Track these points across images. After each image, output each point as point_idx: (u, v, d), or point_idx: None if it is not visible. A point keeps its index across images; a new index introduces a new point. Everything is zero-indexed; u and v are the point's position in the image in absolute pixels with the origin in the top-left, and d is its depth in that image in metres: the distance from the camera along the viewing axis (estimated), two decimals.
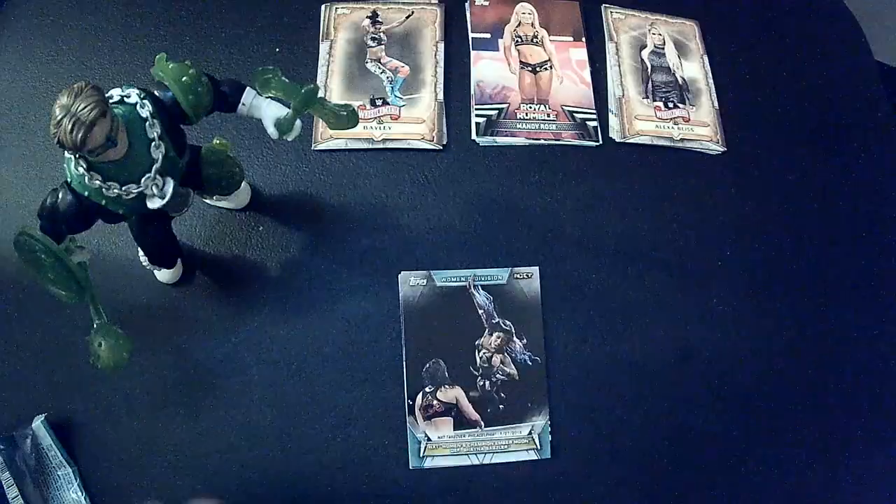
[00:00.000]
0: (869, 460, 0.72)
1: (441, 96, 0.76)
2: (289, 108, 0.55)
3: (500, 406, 0.66)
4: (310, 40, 0.77)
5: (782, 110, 0.81)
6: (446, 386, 0.66)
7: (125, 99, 0.49)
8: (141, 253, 0.64)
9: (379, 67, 0.76)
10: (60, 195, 0.50)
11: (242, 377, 0.65)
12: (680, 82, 0.81)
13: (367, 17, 0.79)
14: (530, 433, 0.66)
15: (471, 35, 0.80)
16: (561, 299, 0.69)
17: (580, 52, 0.80)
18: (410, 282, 0.68)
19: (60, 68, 0.75)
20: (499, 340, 0.68)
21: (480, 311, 0.68)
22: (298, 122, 0.57)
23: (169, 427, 0.64)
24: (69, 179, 0.50)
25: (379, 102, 0.74)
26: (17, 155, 0.71)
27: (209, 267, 0.68)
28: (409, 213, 0.71)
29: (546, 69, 0.79)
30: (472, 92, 0.77)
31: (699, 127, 0.78)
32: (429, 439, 0.65)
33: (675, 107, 0.79)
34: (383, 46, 0.78)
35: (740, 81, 0.82)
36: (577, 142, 0.76)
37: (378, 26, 0.78)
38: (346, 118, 0.59)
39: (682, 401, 0.69)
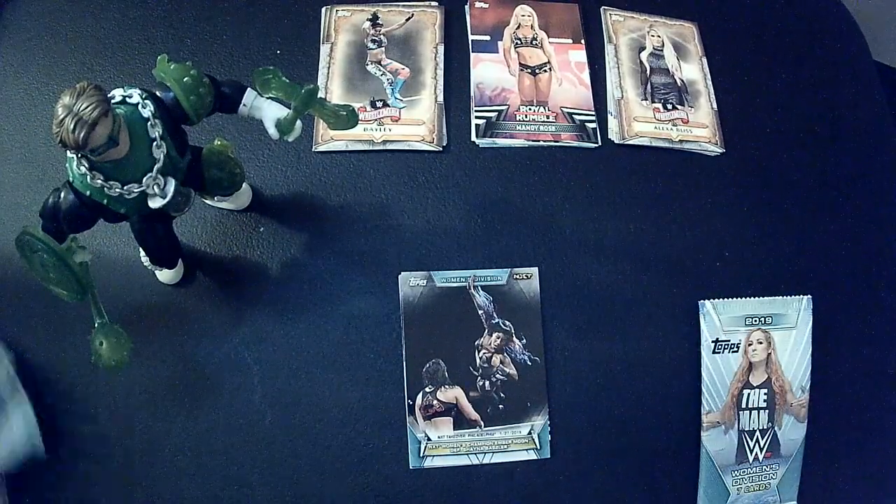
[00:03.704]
0: (865, 462, 0.72)
1: (441, 98, 0.76)
2: (289, 108, 0.56)
3: (500, 406, 0.67)
4: (310, 42, 0.77)
5: (781, 111, 0.81)
6: (446, 386, 0.66)
7: (127, 99, 0.50)
8: (142, 253, 0.64)
9: (379, 69, 0.77)
10: (62, 195, 0.50)
11: (242, 377, 0.65)
12: (679, 84, 0.81)
13: (367, 19, 0.79)
14: (530, 433, 0.66)
15: (470, 37, 0.80)
16: (560, 299, 0.70)
17: (579, 54, 0.81)
18: (410, 282, 0.68)
19: (62, 69, 0.75)
20: (498, 340, 0.68)
21: (480, 312, 0.68)
22: (299, 123, 0.57)
23: (169, 427, 0.64)
24: (71, 179, 0.50)
25: (379, 104, 0.75)
26: (19, 155, 0.71)
27: (210, 267, 0.68)
28: (409, 214, 0.71)
29: (545, 71, 0.79)
30: (472, 94, 0.77)
31: (698, 128, 0.79)
32: (429, 439, 0.65)
33: (674, 108, 0.79)
34: (383, 49, 0.78)
35: (739, 83, 0.82)
36: (576, 143, 0.76)
37: (378, 28, 0.79)
38: (345, 118, 0.59)
39: (681, 400, 0.69)
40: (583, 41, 0.82)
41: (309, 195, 0.71)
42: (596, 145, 0.76)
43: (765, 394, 0.70)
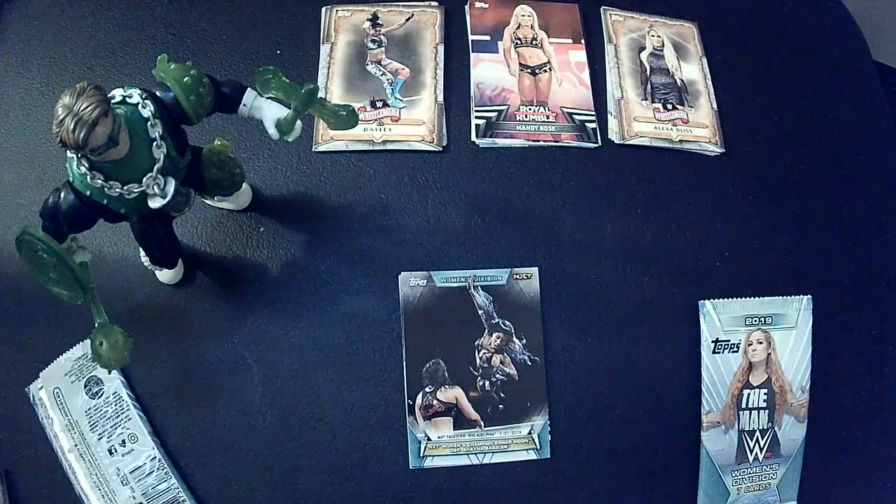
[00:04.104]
0: (865, 462, 0.72)
1: (441, 98, 0.76)
2: (289, 108, 0.56)
3: (500, 406, 0.67)
4: (310, 42, 0.77)
5: (781, 111, 0.81)
6: (446, 386, 0.66)
7: (127, 99, 0.50)
8: (142, 253, 0.64)
9: (379, 69, 0.77)
10: (62, 195, 0.50)
11: (242, 377, 0.65)
12: (679, 84, 0.81)
13: (367, 19, 0.79)
14: (530, 433, 0.66)
15: (470, 37, 0.80)
16: (560, 299, 0.70)
17: (579, 55, 0.81)
18: (410, 282, 0.68)
19: (62, 69, 0.75)
20: (498, 340, 0.68)
21: (480, 312, 0.68)
22: (299, 123, 0.57)
23: (169, 427, 0.64)
24: (71, 179, 0.50)
25: (379, 104, 0.75)
26: (20, 155, 0.72)
27: (210, 267, 0.68)
28: (409, 214, 0.71)
29: (545, 71, 0.79)
30: (472, 94, 0.77)
31: (698, 128, 0.79)
32: (429, 439, 0.65)
33: (674, 108, 0.79)
34: (384, 49, 0.78)
35: (739, 83, 0.82)
36: (576, 143, 0.76)
37: (378, 29, 0.79)
38: (346, 118, 0.59)
39: (681, 400, 0.69)
40: (583, 41, 0.82)
41: (309, 195, 0.71)
42: (596, 145, 0.76)
43: (765, 394, 0.70)
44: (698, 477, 0.69)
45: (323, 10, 0.79)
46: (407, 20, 0.80)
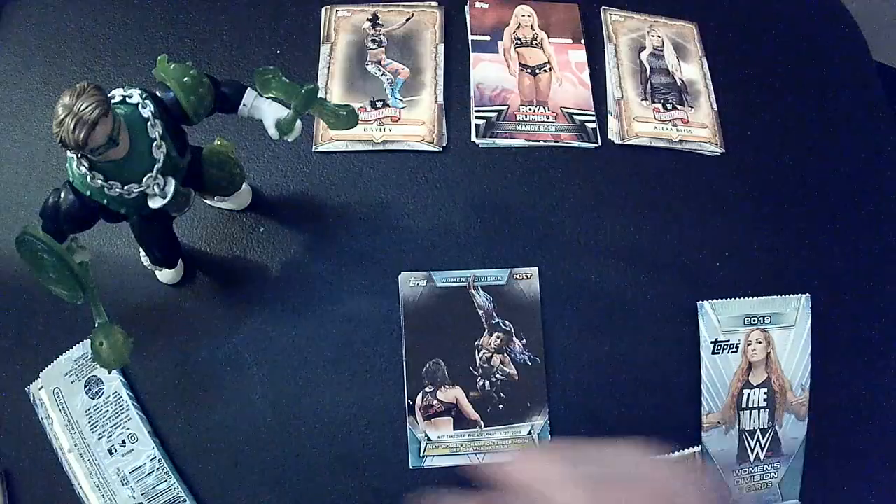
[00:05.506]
0: (866, 459, 0.72)
1: (441, 98, 0.76)
2: (289, 108, 0.56)
3: (500, 406, 0.67)
4: (310, 42, 0.77)
5: (781, 112, 0.81)
6: (446, 386, 0.66)
7: (127, 99, 0.50)
8: (142, 253, 0.64)
9: (379, 69, 0.77)
10: (62, 195, 0.50)
11: (242, 377, 0.65)
12: (679, 84, 0.81)
13: (367, 19, 0.79)
14: (530, 433, 0.66)
15: (470, 37, 0.80)
16: (560, 299, 0.70)
17: (579, 55, 0.81)
18: (410, 282, 0.68)
19: (62, 69, 0.75)
20: (498, 341, 0.68)
21: (480, 312, 0.68)
22: (299, 123, 0.57)
23: (169, 427, 0.64)
24: (71, 179, 0.50)
25: (379, 104, 0.75)
26: (20, 155, 0.72)
27: (210, 267, 0.68)
28: (409, 214, 0.71)
29: (545, 71, 0.79)
30: (472, 94, 0.77)
31: (698, 128, 0.79)
32: (429, 439, 0.65)
33: (674, 108, 0.79)
34: (383, 49, 0.78)
35: (739, 83, 0.82)
36: (576, 143, 0.76)
37: (378, 28, 0.79)
38: (346, 118, 0.59)
39: (681, 400, 0.69)
40: (583, 41, 0.82)
41: (309, 195, 0.71)
42: (596, 145, 0.76)
43: (765, 393, 0.70)
44: None
45: (323, 10, 0.79)
46: (407, 20, 0.80)
